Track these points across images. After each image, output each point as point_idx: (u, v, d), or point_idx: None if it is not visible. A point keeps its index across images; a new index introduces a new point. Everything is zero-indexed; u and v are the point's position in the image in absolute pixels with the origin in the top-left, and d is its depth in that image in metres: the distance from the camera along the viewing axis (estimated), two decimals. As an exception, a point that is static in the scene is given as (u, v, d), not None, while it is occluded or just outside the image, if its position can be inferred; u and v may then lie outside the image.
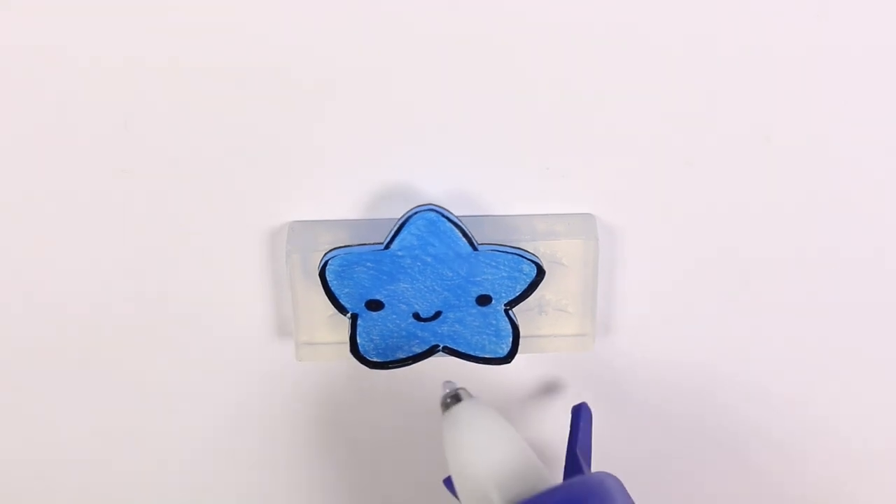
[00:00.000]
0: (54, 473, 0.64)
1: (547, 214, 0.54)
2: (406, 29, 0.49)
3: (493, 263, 0.52)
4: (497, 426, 0.48)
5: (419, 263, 0.52)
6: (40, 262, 0.56)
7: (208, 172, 0.53)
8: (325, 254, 0.52)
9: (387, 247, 0.51)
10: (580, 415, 0.54)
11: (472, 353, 0.54)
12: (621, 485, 0.49)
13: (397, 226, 0.51)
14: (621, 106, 0.51)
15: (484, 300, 0.53)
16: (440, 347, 0.54)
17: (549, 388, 0.60)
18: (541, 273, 0.52)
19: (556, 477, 0.50)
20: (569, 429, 0.54)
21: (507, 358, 0.54)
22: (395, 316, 0.53)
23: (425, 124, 0.52)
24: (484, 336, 0.54)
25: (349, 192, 0.53)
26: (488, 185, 0.53)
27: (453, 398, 0.49)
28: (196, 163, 0.53)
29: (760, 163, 0.53)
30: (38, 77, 0.50)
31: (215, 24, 0.49)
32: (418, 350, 0.54)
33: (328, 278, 0.52)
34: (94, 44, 0.49)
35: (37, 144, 0.52)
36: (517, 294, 0.52)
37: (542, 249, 0.53)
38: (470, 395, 0.49)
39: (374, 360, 0.54)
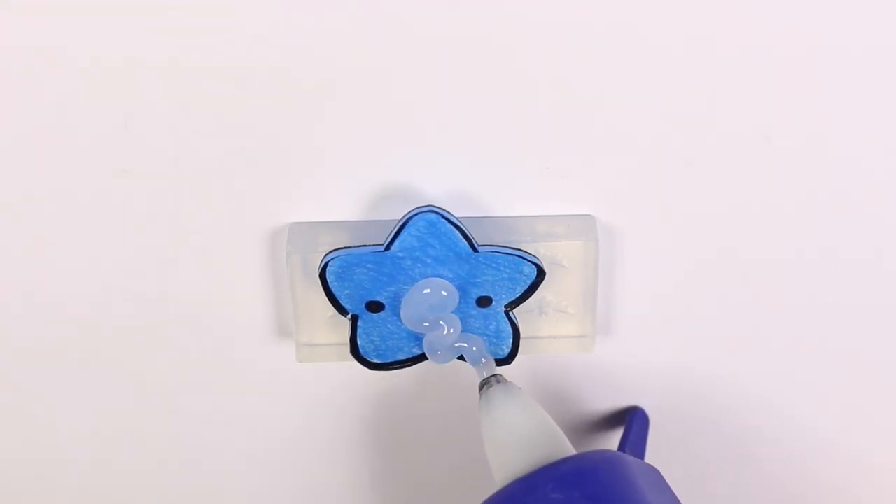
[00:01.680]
0: (54, 473, 0.64)
1: (547, 216, 0.54)
2: (406, 29, 0.49)
3: (494, 265, 0.52)
4: (525, 404, 0.51)
5: (419, 265, 0.52)
6: (40, 262, 0.56)
7: (208, 172, 0.53)
8: (326, 255, 0.52)
9: (387, 248, 0.51)
10: (634, 419, 0.57)
11: (472, 354, 0.54)
12: (657, 474, 0.51)
13: (397, 227, 0.51)
14: (621, 106, 0.51)
15: (484, 301, 0.53)
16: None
17: (550, 390, 0.60)
18: (541, 274, 0.52)
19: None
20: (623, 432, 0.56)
21: (508, 359, 0.54)
22: (395, 317, 0.53)
23: (425, 124, 0.52)
24: (484, 337, 0.54)
25: (349, 193, 0.53)
26: (488, 186, 0.53)
27: (487, 382, 0.52)
28: (196, 163, 0.53)
29: (760, 163, 0.53)
30: (38, 77, 0.50)
31: (215, 24, 0.49)
32: (418, 352, 0.54)
33: (328, 279, 0.52)
34: (94, 44, 0.49)
35: (36, 144, 0.52)
36: (517, 295, 0.52)
37: (542, 251, 0.53)
38: (504, 380, 0.52)
39: (375, 361, 0.54)
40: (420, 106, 0.51)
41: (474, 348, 0.52)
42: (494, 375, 0.52)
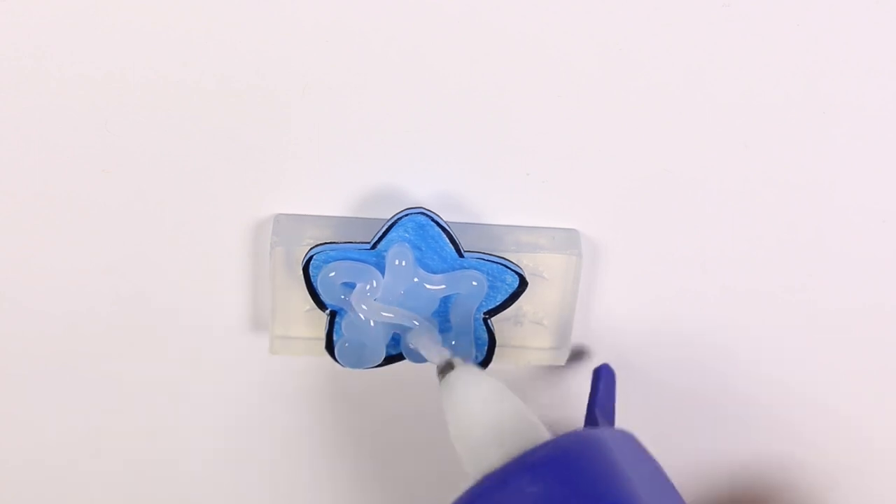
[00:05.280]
0: (38, 473, 0.65)
1: (532, 227, 0.54)
2: (398, 30, 0.50)
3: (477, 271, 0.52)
4: (491, 388, 0.49)
5: (404, 265, 0.52)
6: (23, 260, 0.56)
7: (196, 170, 0.53)
8: (311, 249, 0.52)
9: (373, 247, 0.51)
10: (600, 376, 0.54)
11: (446, 358, 0.54)
12: (633, 440, 0.49)
13: (386, 226, 0.51)
14: (608, 125, 0.52)
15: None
16: (415, 351, 0.54)
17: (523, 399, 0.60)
18: (523, 284, 0.52)
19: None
20: (589, 391, 0.54)
21: (481, 366, 0.54)
22: (373, 315, 0.53)
23: (415, 127, 0.52)
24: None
25: (336, 190, 0.53)
26: (475, 192, 0.54)
27: (447, 366, 0.49)
28: (181, 156, 0.53)
29: (745, 180, 0.54)
30: (17, 78, 0.50)
31: (202, 22, 0.49)
32: (393, 352, 0.54)
33: (311, 273, 0.52)
34: (78, 43, 0.49)
35: (18, 145, 0.52)
36: (497, 303, 0.53)
37: (524, 261, 0.53)
38: (463, 363, 0.50)
39: (349, 358, 0.54)
40: (410, 108, 0.52)
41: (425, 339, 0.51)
42: (455, 357, 0.50)
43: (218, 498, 0.65)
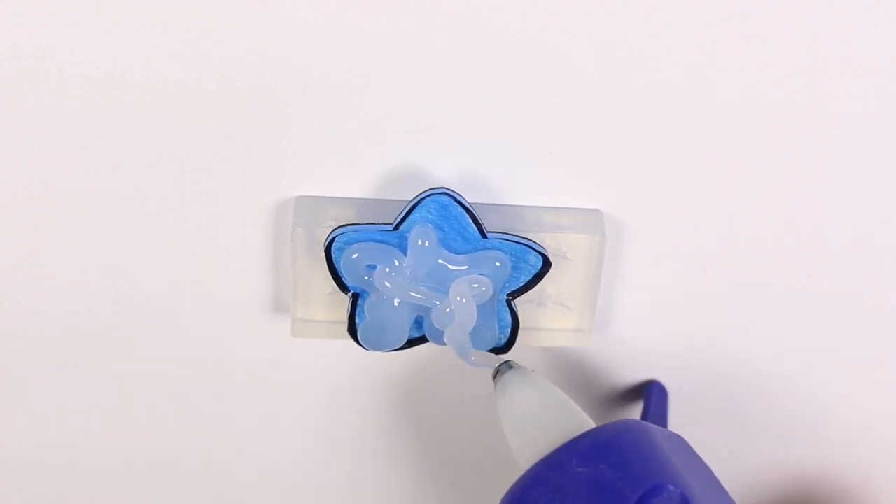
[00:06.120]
0: (55, 474, 0.65)
1: (554, 207, 0.54)
2: (419, 10, 0.49)
3: (501, 252, 0.52)
4: (542, 386, 0.52)
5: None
6: (24, 262, 0.56)
7: (196, 169, 0.53)
8: (333, 230, 0.52)
9: (396, 227, 0.51)
10: (652, 392, 0.57)
11: (469, 340, 0.54)
12: (681, 440, 0.51)
13: (408, 207, 0.51)
14: (632, 104, 0.52)
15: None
16: (437, 333, 0.54)
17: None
18: (547, 265, 0.52)
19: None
20: (642, 406, 0.55)
21: (505, 348, 0.54)
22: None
23: (437, 108, 0.52)
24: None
25: (357, 172, 0.53)
26: (497, 173, 0.54)
27: (499, 370, 0.52)
28: (184, 160, 0.53)
29: (766, 161, 0.54)
30: (19, 78, 0.50)
31: (207, 21, 0.49)
32: (416, 334, 0.54)
33: (333, 255, 0.52)
34: (78, 43, 0.49)
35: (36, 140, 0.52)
36: (521, 284, 0.53)
37: (547, 241, 0.53)
38: (516, 365, 0.52)
39: (371, 340, 0.54)
40: (410, 108, 0.52)
41: (472, 358, 0.52)
42: (506, 362, 0.52)
43: (227, 491, 0.65)
